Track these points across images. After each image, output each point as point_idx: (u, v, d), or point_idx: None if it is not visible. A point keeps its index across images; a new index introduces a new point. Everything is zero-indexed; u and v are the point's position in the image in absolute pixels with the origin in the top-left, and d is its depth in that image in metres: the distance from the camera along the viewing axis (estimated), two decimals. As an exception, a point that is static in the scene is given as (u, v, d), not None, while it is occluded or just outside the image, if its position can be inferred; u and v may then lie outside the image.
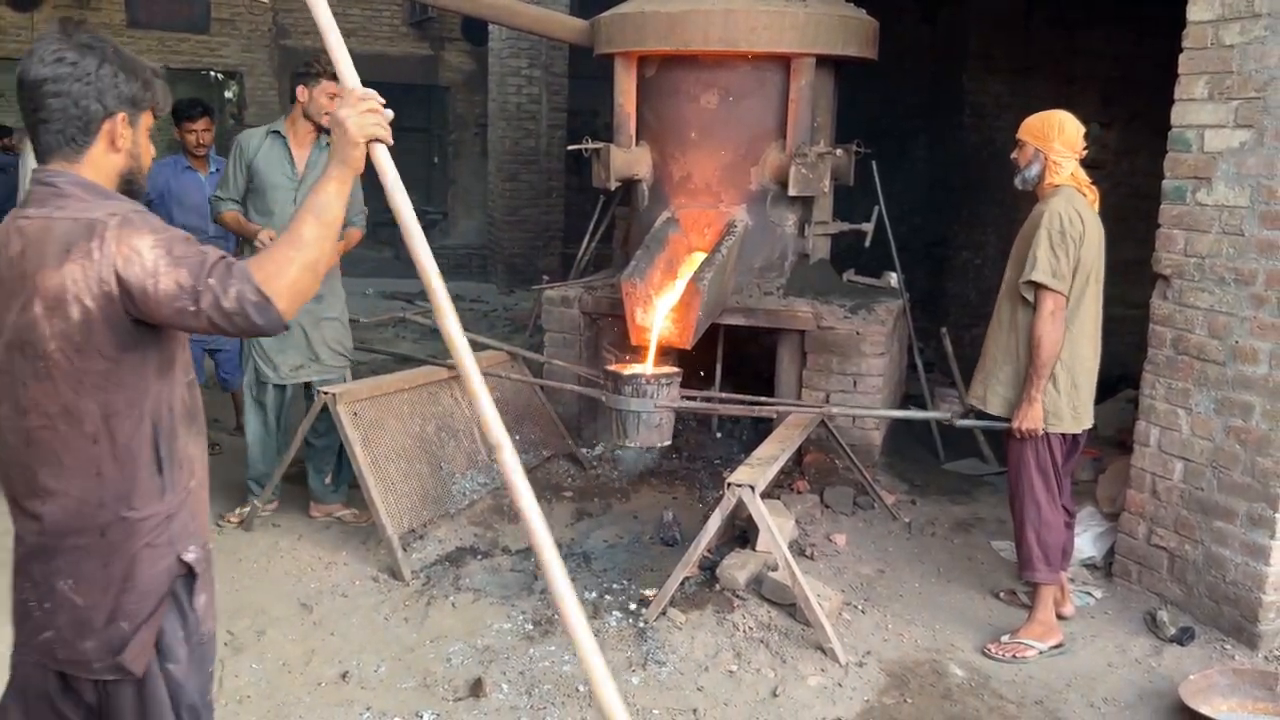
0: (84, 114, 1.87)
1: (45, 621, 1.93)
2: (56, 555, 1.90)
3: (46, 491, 1.89)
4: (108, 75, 1.88)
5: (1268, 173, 3.73)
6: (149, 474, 1.91)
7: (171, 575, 1.96)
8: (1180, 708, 3.43)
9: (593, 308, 5.84)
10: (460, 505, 4.78)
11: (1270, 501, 3.76)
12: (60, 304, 1.79)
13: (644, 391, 4.31)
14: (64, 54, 1.86)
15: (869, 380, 5.38)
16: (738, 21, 5.21)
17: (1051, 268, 3.65)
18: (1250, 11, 3.74)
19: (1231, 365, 3.88)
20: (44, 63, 1.85)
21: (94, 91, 1.87)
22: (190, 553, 1.99)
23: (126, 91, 1.91)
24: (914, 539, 4.91)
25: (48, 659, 1.95)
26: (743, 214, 5.54)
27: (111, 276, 1.77)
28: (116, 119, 1.91)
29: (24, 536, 1.94)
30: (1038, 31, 8.09)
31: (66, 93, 1.85)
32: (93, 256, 1.77)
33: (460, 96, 14.15)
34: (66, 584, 1.90)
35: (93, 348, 1.81)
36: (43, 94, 1.85)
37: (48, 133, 1.88)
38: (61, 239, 1.79)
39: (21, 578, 1.96)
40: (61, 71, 1.85)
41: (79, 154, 1.89)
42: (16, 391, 1.86)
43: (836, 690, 3.57)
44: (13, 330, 1.84)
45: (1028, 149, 3.82)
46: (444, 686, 3.49)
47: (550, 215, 11.60)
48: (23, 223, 1.85)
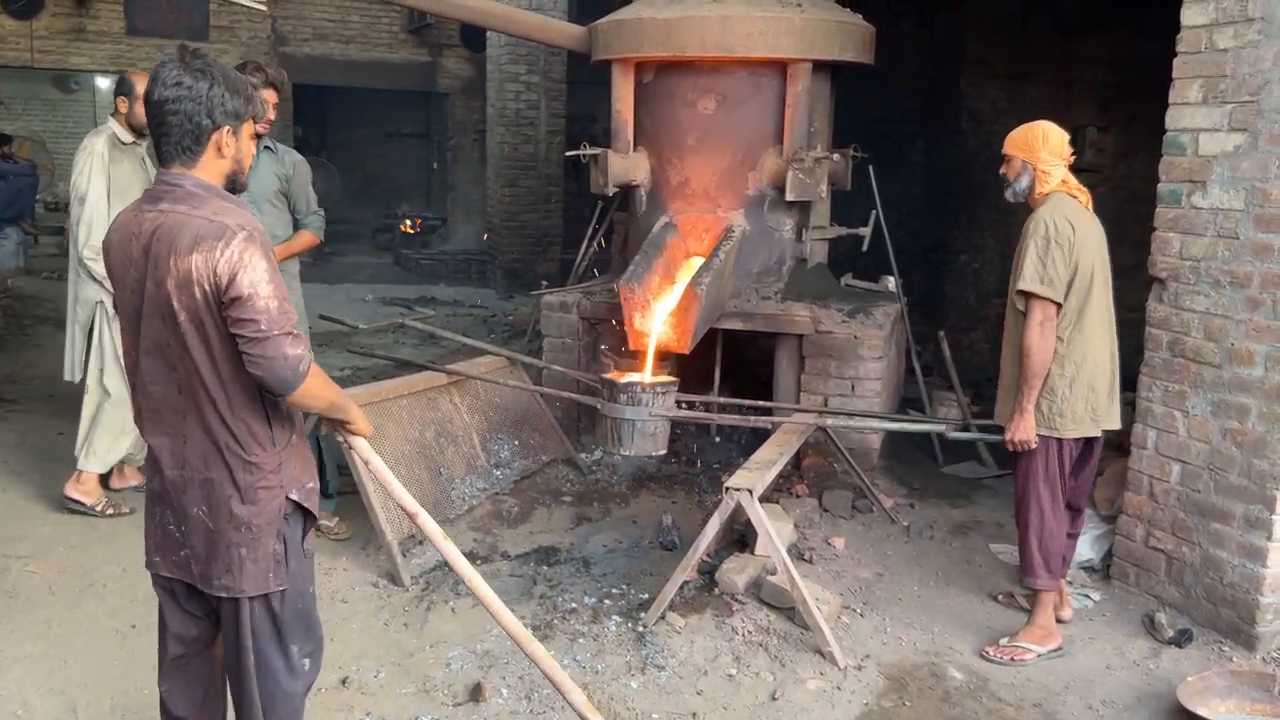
0: (197, 128, 2.27)
1: (182, 541, 2.39)
2: (190, 487, 2.34)
3: (184, 435, 2.33)
4: (216, 96, 2.27)
5: (1262, 176, 3.74)
6: (261, 427, 2.34)
7: (282, 511, 2.39)
8: (1178, 710, 3.44)
9: (591, 313, 5.85)
10: (459, 510, 4.79)
11: (1267, 503, 3.77)
12: (187, 284, 2.19)
13: (639, 400, 4.32)
14: (181, 78, 2.25)
15: (867, 384, 5.39)
16: (734, 27, 5.23)
17: (1039, 274, 3.65)
18: (1244, 16, 3.75)
19: (1228, 368, 3.89)
20: (165, 86, 2.25)
21: (204, 109, 2.27)
22: (295, 493, 2.41)
23: (231, 107, 2.31)
24: (912, 542, 4.91)
25: (184, 573, 2.42)
26: (740, 219, 5.55)
27: (226, 271, 2.17)
28: (223, 131, 2.31)
29: (165, 471, 2.37)
30: (1035, 36, 8.12)
31: (183, 111, 2.25)
32: (216, 253, 2.17)
33: (459, 102, 14.19)
34: (201, 511, 2.35)
35: (211, 321, 2.22)
36: (164, 113, 2.26)
37: (168, 143, 2.29)
38: (194, 232, 2.20)
39: (163, 505, 2.41)
40: (180, 94, 2.25)
41: (194, 160, 2.30)
42: (164, 351, 2.29)
43: (835, 693, 3.58)
44: (152, 301, 2.27)
45: (1015, 162, 3.83)
46: (444, 692, 3.49)
47: (549, 220, 11.62)
48: (156, 214, 2.26)
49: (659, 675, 3.61)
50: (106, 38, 11.99)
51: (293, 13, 13.13)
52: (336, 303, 10.19)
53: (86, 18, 12.02)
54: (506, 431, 5.37)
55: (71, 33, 11.97)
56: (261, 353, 2.19)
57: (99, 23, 12.07)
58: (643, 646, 3.77)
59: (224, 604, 2.40)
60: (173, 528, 2.40)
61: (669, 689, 3.55)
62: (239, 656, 2.43)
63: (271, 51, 13.06)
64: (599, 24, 5.74)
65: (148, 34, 12.16)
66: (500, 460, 5.23)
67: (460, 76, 14.04)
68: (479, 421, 5.24)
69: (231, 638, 2.44)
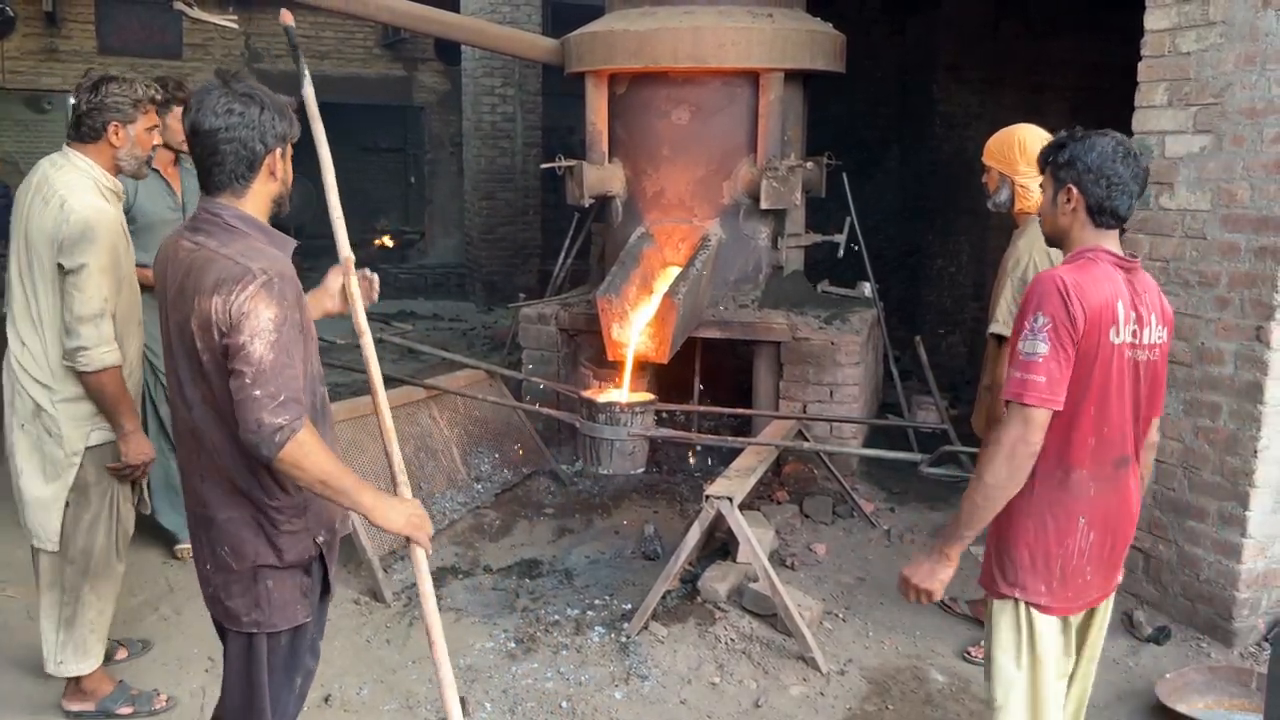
0: (251, 154, 2.22)
1: (207, 577, 2.37)
2: (214, 526, 2.29)
3: (205, 472, 2.29)
4: (268, 120, 2.23)
5: (1227, 177, 3.80)
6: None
7: (307, 556, 2.34)
8: (1157, 706, 3.47)
9: (570, 324, 5.86)
10: (440, 525, 4.78)
11: (1240, 500, 3.82)
12: (208, 324, 2.13)
13: (618, 419, 4.34)
14: (232, 105, 2.19)
15: (845, 390, 5.42)
16: (705, 38, 5.27)
17: (1012, 318, 3.47)
18: (1205, 20, 3.81)
19: (1198, 367, 3.94)
20: (215, 114, 2.18)
21: (258, 134, 2.21)
22: (322, 536, 2.37)
23: (280, 130, 2.26)
24: (893, 546, 4.94)
25: (212, 607, 2.40)
26: (716, 228, 5.58)
27: (235, 316, 2.09)
28: (275, 154, 2.27)
29: (192, 508, 2.36)
30: (1006, 41, 8.19)
31: (237, 139, 2.20)
32: (232, 295, 2.10)
33: (435, 116, 14.18)
34: (224, 550, 2.29)
35: (226, 362, 2.13)
36: (217, 141, 2.19)
37: (221, 172, 2.22)
38: (217, 273, 2.13)
39: (199, 542, 2.37)
40: (232, 121, 2.19)
41: (245, 188, 2.25)
42: (184, 388, 2.25)
43: (819, 699, 3.59)
44: (177, 335, 2.23)
45: (994, 173, 3.72)
46: (427, 707, 3.48)
47: (527, 233, 11.62)
48: (192, 246, 2.21)
49: (643, 685, 3.61)
50: (79, 57, 11.92)
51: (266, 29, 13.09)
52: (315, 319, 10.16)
53: (58, 37, 11.95)
54: (487, 445, 5.36)
55: (43, 53, 11.90)
56: (239, 412, 2.10)
57: (71, 42, 12.00)
58: (626, 657, 3.78)
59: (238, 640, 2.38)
60: (201, 562, 2.39)
61: (653, 699, 3.55)
62: (251, 691, 2.39)
63: (246, 69, 13.02)
64: (572, 36, 5.76)
65: (120, 53, 12.09)
66: (481, 474, 5.23)
67: (436, 90, 14.04)
68: (459, 435, 5.23)
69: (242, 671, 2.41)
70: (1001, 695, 2.50)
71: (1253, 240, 3.72)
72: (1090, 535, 2.40)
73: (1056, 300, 2.27)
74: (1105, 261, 2.38)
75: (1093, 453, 2.38)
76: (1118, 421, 2.39)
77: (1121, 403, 2.38)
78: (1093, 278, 2.33)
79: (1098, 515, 2.41)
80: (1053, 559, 2.41)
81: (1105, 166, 2.36)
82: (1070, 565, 2.41)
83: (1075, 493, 2.38)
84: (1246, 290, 3.76)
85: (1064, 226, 2.47)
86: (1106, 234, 2.42)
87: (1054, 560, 2.41)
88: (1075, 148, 2.41)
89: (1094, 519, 2.41)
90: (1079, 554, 2.41)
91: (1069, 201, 2.42)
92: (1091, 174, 2.37)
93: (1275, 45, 3.59)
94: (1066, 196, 2.42)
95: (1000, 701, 2.51)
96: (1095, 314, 2.29)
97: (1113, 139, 2.41)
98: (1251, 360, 3.76)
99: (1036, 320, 2.28)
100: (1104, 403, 2.35)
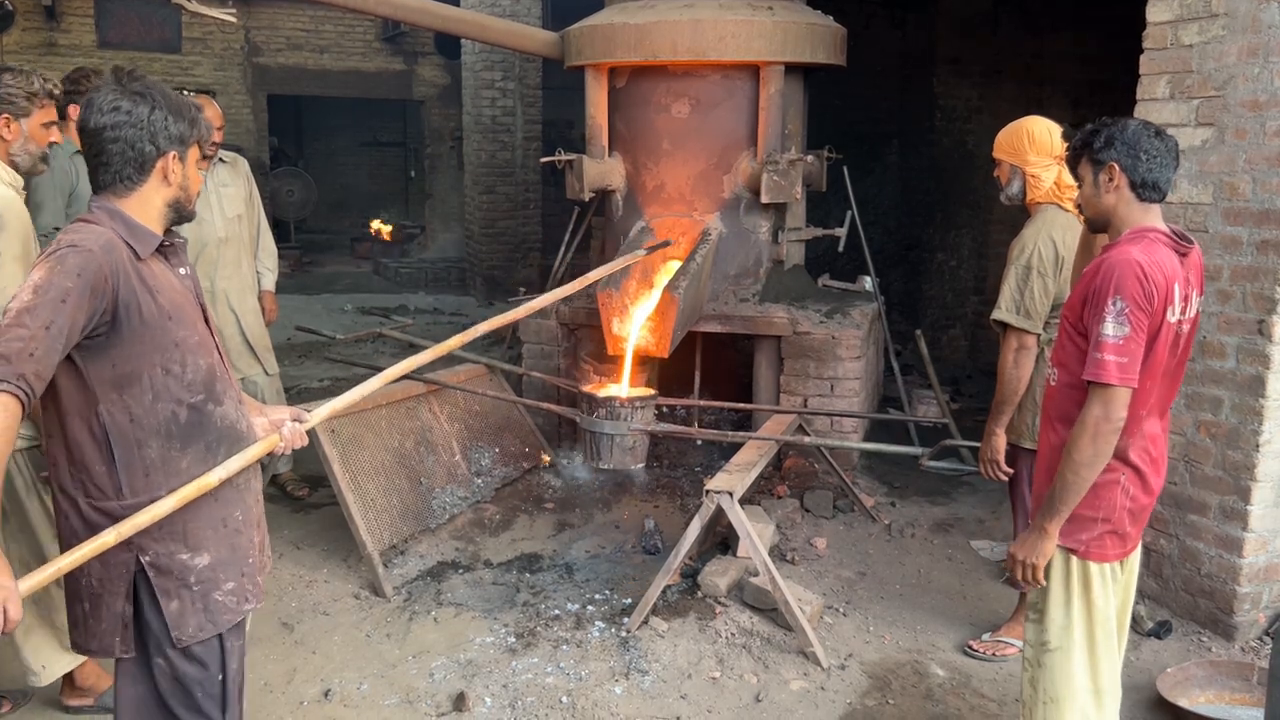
0: (140, 156, 2.13)
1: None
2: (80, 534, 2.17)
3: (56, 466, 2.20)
4: (159, 120, 2.13)
5: (1229, 170, 3.78)
6: (101, 469, 2.14)
7: (128, 571, 2.19)
8: (1158, 701, 3.47)
9: (570, 319, 5.85)
10: (440, 520, 4.77)
11: (1242, 494, 3.81)
12: None
13: (618, 414, 4.33)
14: (119, 103, 2.11)
15: (846, 384, 5.41)
16: (705, 31, 5.25)
17: (1015, 305, 3.57)
18: (1208, 11, 3.79)
19: (1200, 361, 3.93)
20: (102, 112, 2.10)
21: (146, 135, 2.12)
22: (148, 555, 2.19)
23: (175, 132, 2.16)
24: (894, 541, 4.93)
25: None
26: (716, 222, 5.57)
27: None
28: (168, 157, 2.17)
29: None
30: (1006, 35, 8.17)
31: (123, 138, 2.11)
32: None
33: (435, 110, 14.17)
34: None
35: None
36: (102, 140, 2.11)
37: (106, 172, 2.14)
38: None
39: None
40: (119, 119, 2.10)
41: (130, 191, 2.15)
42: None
43: (819, 694, 3.59)
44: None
45: (1005, 166, 3.72)
46: (427, 702, 3.48)
47: (527, 227, 11.61)
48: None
49: (643, 680, 3.61)
50: (78, 52, 11.90)
51: (266, 23, 13.08)
52: (315, 313, 10.17)
53: (58, 31, 11.94)
54: (487, 439, 5.36)
55: (42, 47, 11.88)
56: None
57: (70, 36, 11.98)
58: (626, 652, 3.77)
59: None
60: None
61: (653, 694, 3.55)
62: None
63: (245, 63, 13.01)
64: (570, 30, 5.74)
65: (120, 47, 12.09)
66: (481, 468, 5.22)
67: (436, 84, 14.02)
68: (459, 430, 5.23)
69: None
70: (1056, 638, 2.65)
71: (1255, 234, 3.71)
72: (1130, 490, 2.59)
73: (1134, 283, 2.39)
74: (1163, 244, 2.48)
75: (1141, 421, 2.55)
76: (1161, 391, 2.59)
77: (1165, 373, 2.57)
78: (1159, 260, 2.43)
79: (1133, 475, 2.59)
80: (1100, 512, 2.58)
81: (1142, 141, 2.51)
82: (1114, 517, 2.59)
83: (1120, 455, 2.54)
84: (1248, 284, 3.75)
85: (1109, 206, 2.57)
86: (1151, 210, 2.55)
87: (1100, 513, 2.58)
88: (1109, 130, 2.54)
89: (1131, 478, 2.59)
90: (1120, 509, 2.59)
91: (1111, 179, 2.53)
92: (1130, 150, 2.50)
93: (1278, 38, 3.58)
94: (1109, 175, 2.54)
95: (1056, 644, 2.65)
96: (1163, 295, 2.42)
97: (1139, 120, 2.57)
98: (1253, 354, 3.75)
99: (1115, 303, 2.40)
100: (1154, 375, 2.51)
